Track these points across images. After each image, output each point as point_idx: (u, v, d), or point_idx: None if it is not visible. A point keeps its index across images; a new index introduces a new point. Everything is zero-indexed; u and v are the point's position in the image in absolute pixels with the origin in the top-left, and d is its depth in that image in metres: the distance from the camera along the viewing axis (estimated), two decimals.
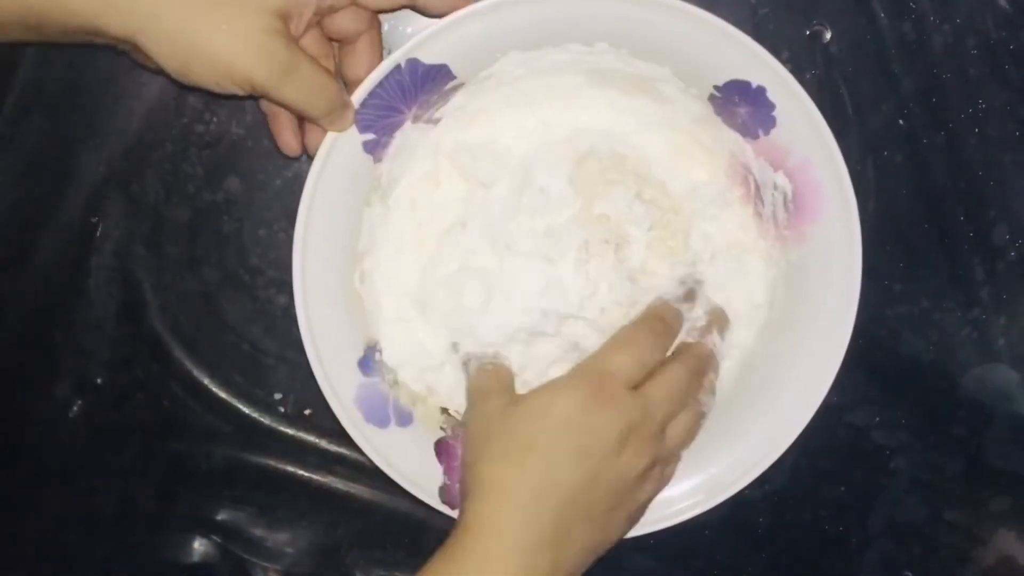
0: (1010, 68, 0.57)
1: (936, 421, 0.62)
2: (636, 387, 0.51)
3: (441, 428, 0.56)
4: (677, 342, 0.54)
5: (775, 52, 0.56)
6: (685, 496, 0.56)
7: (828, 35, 0.57)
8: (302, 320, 0.52)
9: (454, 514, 0.54)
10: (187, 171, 0.58)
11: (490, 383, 0.53)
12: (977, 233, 0.59)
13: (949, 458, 0.62)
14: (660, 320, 0.53)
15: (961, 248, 0.59)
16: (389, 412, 0.55)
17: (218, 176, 0.58)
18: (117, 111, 0.57)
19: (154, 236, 0.59)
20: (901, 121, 0.58)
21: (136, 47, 0.46)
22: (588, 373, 0.51)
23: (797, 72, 0.56)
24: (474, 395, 0.53)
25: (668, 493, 0.56)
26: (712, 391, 0.55)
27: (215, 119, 0.57)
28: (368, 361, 0.55)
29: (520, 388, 0.54)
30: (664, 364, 0.52)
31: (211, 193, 0.58)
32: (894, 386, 0.61)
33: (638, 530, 0.55)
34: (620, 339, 0.52)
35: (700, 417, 0.54)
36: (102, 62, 0.56)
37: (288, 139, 0.52)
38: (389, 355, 0.55)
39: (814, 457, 0.61)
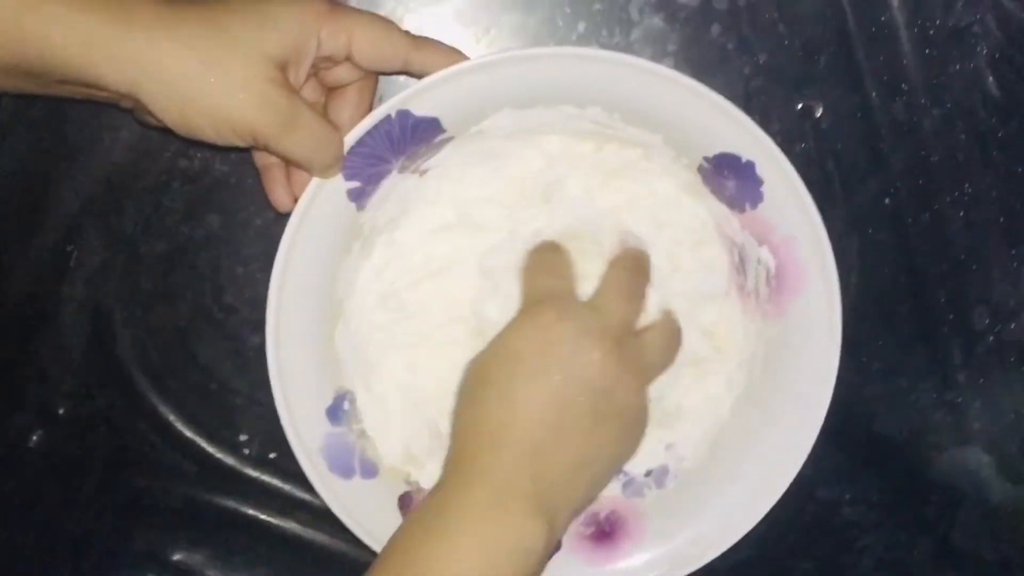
0: (998, 154, 0.58)
1: (907, 501, 0.62)
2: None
3: (406, 483, 0.55)
4: None
5: (765, 124, 0.56)
6: (649, 566, 0.55)
7: (819, 111, 0.57)
8: (272, 364, 0.51)
9: None
10: (167, 205, 0.57)
11: None
12: (957, 315, 0.59)
13: (918, 538, 0.62)
14: (544, 245, 0.53)
15: (940, 330, 0.59)
16: (354, 463, 0.54)
17: (198, 212, 0.58)
18: (101, 140, 0.56)
19: (129, 268, 0.58)
20: (887, 200, 0.58)
21: (137, 101, 0.45)
22: (526, 302, 0.50)
23: (787, 145, 0.57)
24: None
25: (632, 563, 0.55)
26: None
27: (199, 154, 0.57)
28: (336, 410, 0.54)
29: None
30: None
31: (190, 228, 0.58)
32: (867, 463, 0.61)
33: None
34: (529, 268, 0.52)
35: (675, 332, 0.53)
36: None
37: (281, 196, 0.52)
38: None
39: (783, 530, 0.61)
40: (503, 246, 0.55)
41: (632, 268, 0.52)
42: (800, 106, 0.57)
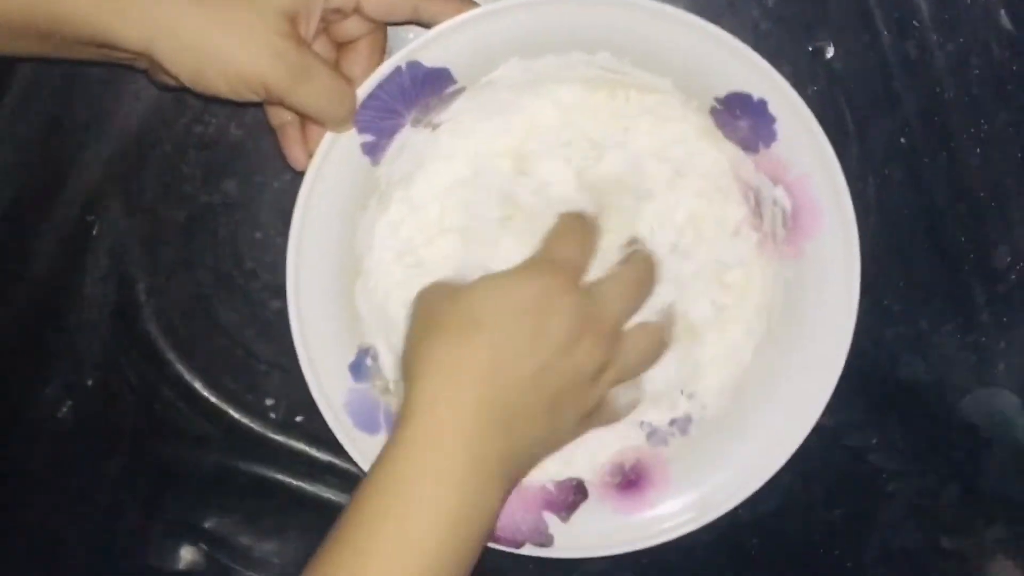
0: (1013, 89, 0.57)
1: (934, 445, 0.61)
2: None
3: None
4: None
5: (777, 67, 0.56)
6: (676, 514, 0.55)
7: (831, 52, 0.57)
8: (294, 322, 0.52)
9: None
10: (185, 172, 0.58)
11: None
12: (978, 255, 0.59)
13: (946, 484, 0.61)
14: (580, 216, 0.53)
15: (961, 269, 0.59)
16: (380, 419, 0.54)
17: (215, 178, 0.58)
18: (117, 110, 0.57)
19: (150, 237, 0.58)
20: (902, 139, 0.58)
21: (152, 60, 0.46)
22: (540, 262, 0.50)
23: (799, 88, 0.56)
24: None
25: (659, 511, 0.55)
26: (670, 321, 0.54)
27: (214, 120, 0.57)
28: (360, 366, 0.54)
29: None
30: (612, 269, 0.52)
31: (208, 195, 0.58)
32: (891, 408, 0.61)
33: (628, 547, 0.54)
34: (559, 231, 0.52)
35: (661, 342, 0.53)
36: None
37: (297, 153, 0.52)
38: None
39: (809, 479, 0.60)
40: (520, 200, 0.55)
41: (642, 272, 0.53)
42: (811, 48, 0.57)
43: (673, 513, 0.55)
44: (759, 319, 0.56)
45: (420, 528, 0.44)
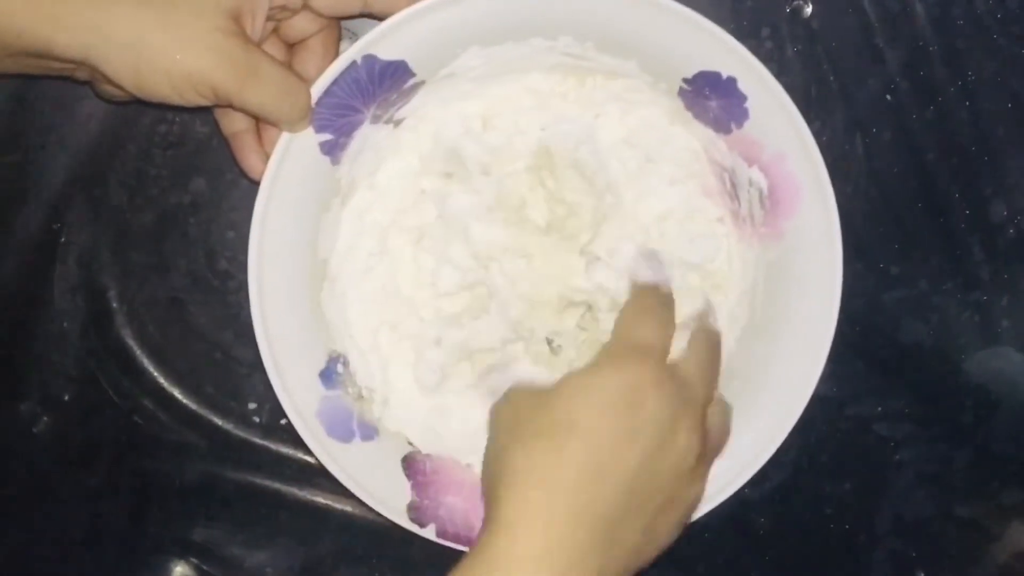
0: (998, 37, 0.56)
1: (940, 410, 0.60)
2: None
3: (408, 443, 0.53)
4: None
5: (755, 30, 0.55)
6: None
7: (809, 10, 0.55)
8: (259, 332, 0.50)
9: (424, 532, 0.51)
10: (151, 173, 0.56)
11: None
12: (973, 210, 0.57)
13: (956, 449, 0.60)
14: (656, 289, 0.50)
15: (958, 226, 0.58)
16: (353, 426, 0.52)
17: (183, 177, 0.56)
18: (76, 113, 0.55)
19: (119, 242, 0.57)
20: (888, 96, 0.56)
21: (91, 68, 0.44)
22: (623, 350, 0.46)
23: (778, 49, 0.55)
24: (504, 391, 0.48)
25: None
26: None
27: (178, 118, 0.56)
28: (330, 373, 0.52)
29: None
30: (684, 348, 0.48)
31: (177, 195, 0.57)
32: (895, 374, 0.59)
33: None
34: (635, 310, 0.48)
35: (729, 412, 0.50)
36: None
37: (255, 162, 0.50)
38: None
39: (815, 452, 0.59)
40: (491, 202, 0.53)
41: (714, 343, 0.50)
42: (789, 8, 0.55)
43: None
44: (741, 305, 0.54)
45: None
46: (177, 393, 0.58)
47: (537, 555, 0.41)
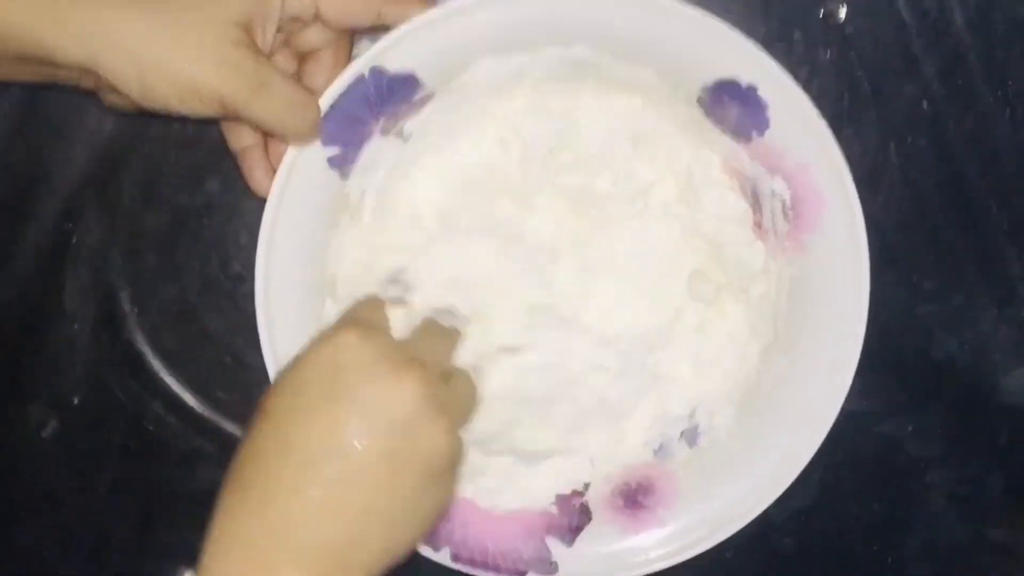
0: None
1: (974, 430, 0.58)
2: None
3: None
4: None
5: (786, 34, 0.53)
6: (688, 531, 0.52)
7: (843, 14, 0.54)
8: (268, 353, 0.49)
9: (437, 557, 0.51)
10: (165, 173, 0.56)
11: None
12: (1011, 223, 0.56)
13: (990, 470, 0.59)
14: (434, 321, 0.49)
15: (995, 240, 0.56)
16: None
17: (197, 178, 0.56)
18: (89, 111, 0.54)
19: (131, 244, 0.56)
20: (925, 104, 0.55)
21: (96, 76, 0.43)
22: (327, 331, 0.42)
23: (811, 54, 0.54)
24: None
25: (669, 530, 0.52)
26: None
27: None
28: None
29: None
30: None
31: (190, 196, 0.56)
32: (927, 392, 0.58)
33: (636, 571, 0.52)
34: (359, 307, 0.47)
35: (474, 385, 0.46)
36: None
37: (261, 178, 0.49)
38: None
39: (842, 472, 0.58)
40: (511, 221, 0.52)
41: (445, 330, 0.49)
42: (822, 11, 0.54)
43: (684, 531, 0.52)
44: (764, 320, 0.53)
45: None
46: (188, 398, 0.57)
47: (228, 551, 0.39)
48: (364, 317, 0.45)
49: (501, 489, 0.53)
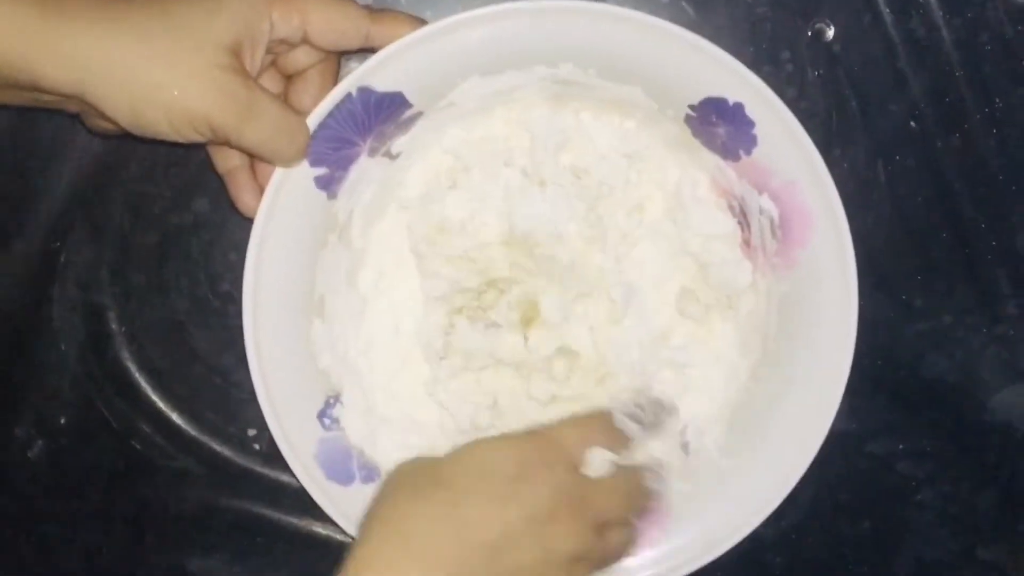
0: None
1: (965, 448, 0.58)
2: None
3: None
4: None
5: (775, 53, 0.53)
6: (679, 551, 0.52)
7: (831, 33, 0.54)
8: (256, 374, 0.49)
9: None
10: (153, 192, 0.55)
11: None
12: (1000, 241, 0.56)
13: (980, 489, 0.58)
14: (609, 417, 0.49)
15: (984, 258, 0.56)
16: (353, 468, 0.51)
17: (185, 197, 0.55)
18: (77, 131, 0.54)
19: (119, 262, 0.56)
20: (913, 123, 0.55)
21: (84, 102, 0.43)
22: (533, 433, 0.46)
23: (799, 73, 0.54)
24: None
25: (660, 550, 0.52)
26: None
27: None
28: (328, 413, 0.51)
29: None
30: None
31: (178, 215, 0.56)
32: (917, 411, 0.58)
33: None
34: (572, 418, 0.49)
35: (633, 540, 0.49)
36: None
37: (249, 199, 0.49)
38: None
39: (833, 490, 0.58)
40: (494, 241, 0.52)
41: (643, 484, 0.50)
42: (810, 31, 0.54)
43: (676, 550, 0.52)
44: (754, 337, 0.53)
45: None
46: (176, 418, 0.57)
47: None
48: (559, 437, 0.46)
49: None
